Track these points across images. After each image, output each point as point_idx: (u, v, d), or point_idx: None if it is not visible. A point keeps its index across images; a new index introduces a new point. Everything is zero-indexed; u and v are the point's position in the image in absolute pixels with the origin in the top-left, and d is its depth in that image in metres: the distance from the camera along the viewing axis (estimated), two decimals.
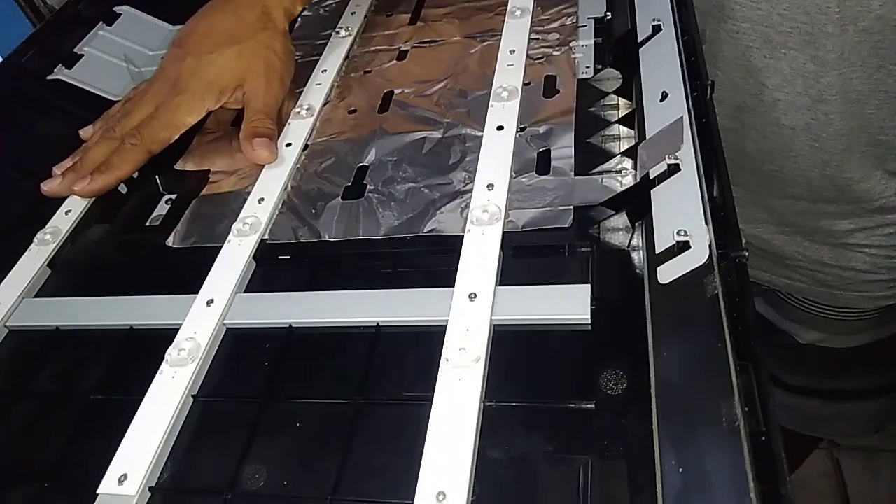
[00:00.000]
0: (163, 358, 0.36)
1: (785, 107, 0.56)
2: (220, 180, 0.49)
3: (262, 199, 0.45)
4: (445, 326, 0.34)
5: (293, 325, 0.38)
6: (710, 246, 0.30)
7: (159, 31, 0.68)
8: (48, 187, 0.49)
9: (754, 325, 0.26)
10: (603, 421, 0.29)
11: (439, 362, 0.33)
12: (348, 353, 0.36)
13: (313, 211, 0.44)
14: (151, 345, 0.38)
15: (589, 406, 0.30)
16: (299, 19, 0.66)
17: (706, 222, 0.31)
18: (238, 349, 0.38)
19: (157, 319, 0.40)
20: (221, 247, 0.42)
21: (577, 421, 0.30)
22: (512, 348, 0.34)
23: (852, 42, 0.50)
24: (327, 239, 0.42)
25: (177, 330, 0.38)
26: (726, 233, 0.30)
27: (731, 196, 0.31)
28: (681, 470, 0.24)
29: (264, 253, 0.42)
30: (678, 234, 0.31)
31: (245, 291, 0.40)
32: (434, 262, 0.39)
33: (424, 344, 0.35)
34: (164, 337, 0.38)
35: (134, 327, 0.40)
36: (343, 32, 0.60)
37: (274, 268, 0.42)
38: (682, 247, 0.31)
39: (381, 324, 0.36)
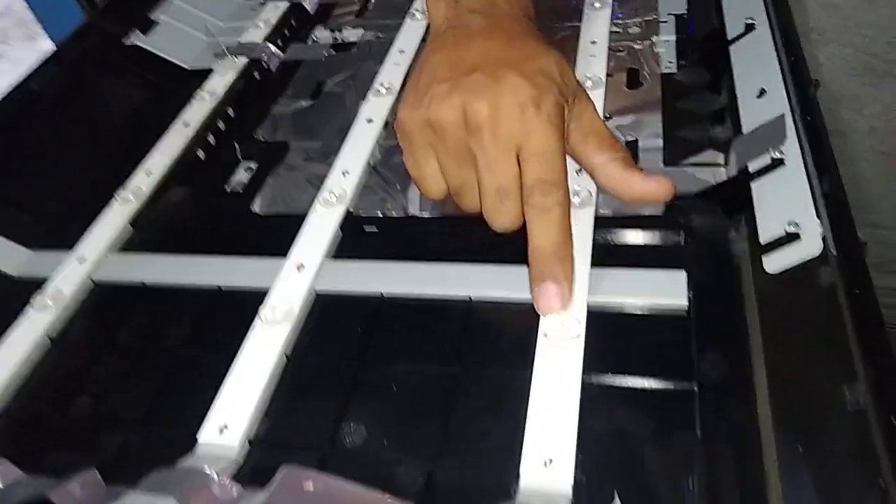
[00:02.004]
0: (251, 319, 0.37)
1: (882, 136, 0.56)
2: (299, 153, 0.50)
3: (347, 171, 0.45)
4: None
5: (384, 294, 0.38)
6: (823, 238, 0.30)
7: (232, 2, 0.69)
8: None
9: (879, 315, 0.26)
10: (707, 403, 0.30)
11: (535, 338, 0.33)
12: (441, 325, 0.37)
13: (398, 187, 0.45)
14: (239, 306, 0.39)
15: (691, 388, 0.30)
16: (372, 0, 0.66)
17: (818, 216, 0.31)
18: (328, 315, 0.38)
19: (245, 281, 0.41)
20: (306, 215, 0.43)
21: (680, 401, 0.30)
22: (607, 329, 0.34)
23: None
24: (415, 214, 0.42)
25: (264, 293, 0.38)
26: (841, 226, 0.30)
27: (844, 192, 0.31)
28: (800, 449, 0.25)
29: (351, 224, 0.43)
30: (788, 225, 0.31)
31: (335, 258, 0.41)
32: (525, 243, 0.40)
33: (519, 320, 0.35)
34: (251, 299, 0.38)
35: (222, 287, 0.41)
36: (419, 16, 0.61)
37: (360, 240, 0.42)
38: (792, 238, 0.31)
39: (473, 298, 0.37)
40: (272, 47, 0.61)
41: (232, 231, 0.45)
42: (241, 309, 0.38)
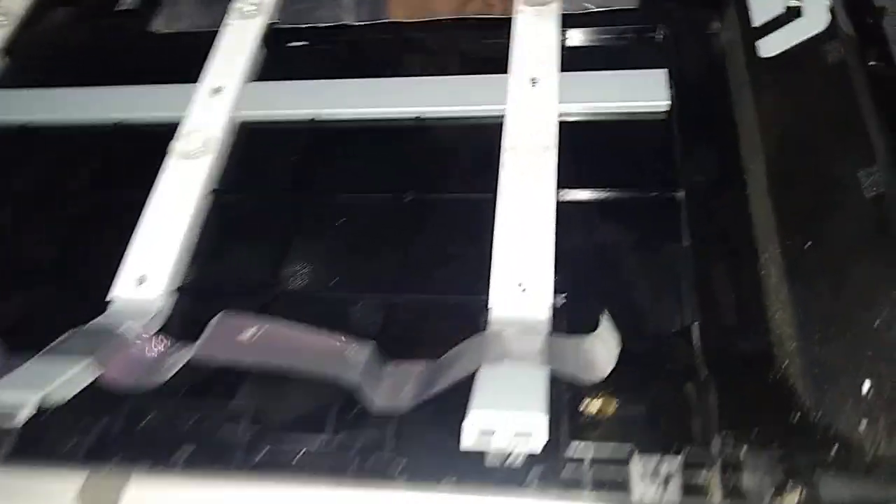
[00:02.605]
0: (163, 155, 0.31)
1: None
2: None
3: None
4: (501, 118, 0.30)
5: (316, 118, 0.33)
6: (830, 10, 0.26)
7: None
8: None
9: None
10: (696, 209, 0.26)
11: (499, 155, 0.29)
12: (386, 147, 0.32)
13: None
14: (147, 141, 0.33)
15: (677, 195, 0.27)
16: None
17: None
18: (255, 144, 0.33)
19: (150, 113, 0.34)
20: (219, 31, 0.36)
21: (666, 211, 0.27)
22: (582, 139, 0.30)
23: None
24: (349, 23, 0.36)
25: (175, 124, 0.32)
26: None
27: None
28: (807, 245, 0.22)
29: (273, 38, 0.36)
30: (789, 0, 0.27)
31: (256, 80, 0.35)
32: (480, 48, 0.34)
33: (478, 136, 0.31)
34: (160, 133, 0.32)
35: (121, 121, 0.34)
36: None
37: (286, 56, 0.36)
38: (792, 14, 0.27)
39: (422, 115, 0.32)
40: None
41: (129, 56, 0.38)
42: (149, 145, 0.32)
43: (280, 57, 0.35)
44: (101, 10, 0.40)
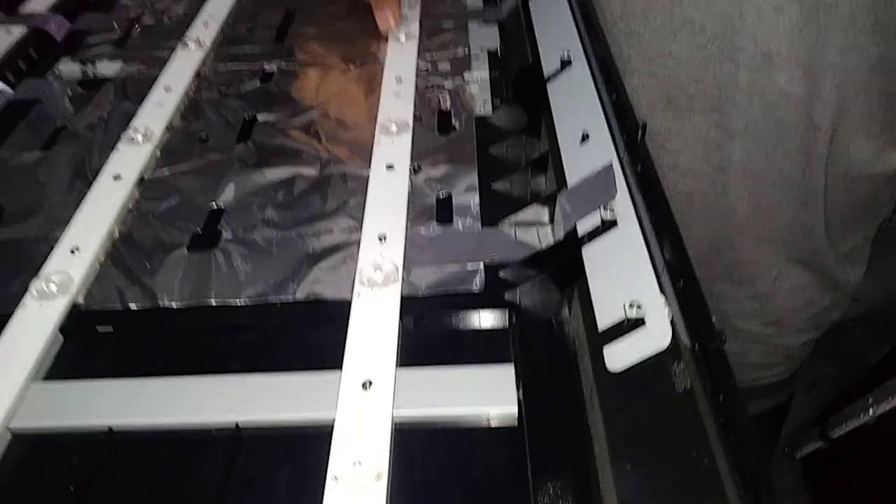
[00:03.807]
0: None
1: (683, 172, 0.53)
2: (15, 222, 0.38)
3: (77, 248, 0.34)
4: (331, 426, 0.26)
5: (114, 428, 0.27)
6: (672, 323, 0.24)
7: None
8: None
9: (752, 432, 0.20)
10: None
11: (324, 479, 0.24)
12: (195, 466, 0.27)
13: (148, 266, 0.34)
14: None
15: None
16: (137, 27, 0.55)
17: (661, 291, 0.25)
18: (32, 464, 0.27)
19: None
20: (13, 313, 0.31)
21: None
22: (420, 453, 0.26)
23: (756, 114, 0.49)
24: (167, 304, 0.32)
25: None
26: (691, 307, 0.24)
27: (689, 259, 0.26)
28: None
29: (77, 323, 0.31)
30: (629, 306, 0.25)
31: (46, 379, 0.29)
32: (313, 336, 0.31)
33: (303, 451, 0.26)
34: None
35: None
36: (192, 45, 0.50)
37: (90, 345, 0.31)
38: (635, 323, 0.25)
39: (241, 423, 0.27)
40: None
41: None
42: None
43: (84, 347, 0.30)
44: None
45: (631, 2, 0.50)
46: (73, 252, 0.34)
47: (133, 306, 0.32)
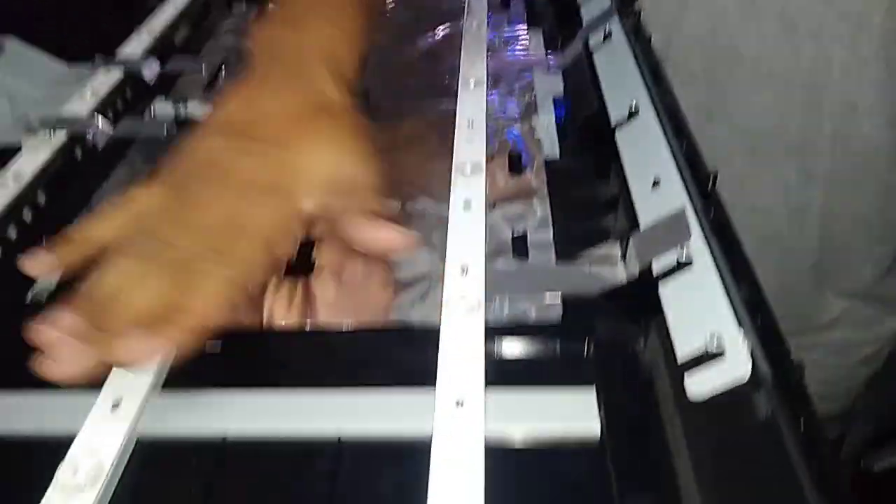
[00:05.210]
0: (48, 480, 0.28)
1: (761, 214, 0.56)
2: None
3: None
4: (428, 440, 0.28)
5: (228, 437, 0.30)
6: (751, 355, 0.26)
7: (52, 69, 0.59)
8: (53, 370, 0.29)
9: (834, 459, 0.22)
10: None
11: (425, 490, 0.26)
12: (303, 473, 0.29)
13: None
14: (32, 460, 0.29)
15: None
16: (223, 72, 0.59)
17: (740, 325, 0.27)
18: (155, 468, 0.29)
19: (39, 426, 0.31)
20: None
21: None
22: (509, 468, 0.28)
23: (838, 160, 0.52)
24: (269, 325, 0.35)
25: (69, 442, 0.29)
26: (769, 340, 0.26)
27: (764, 295, 0.28)
28: None
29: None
30: (709, 339, 0.27)
31: (163, 389, 0.32)
32: (402, 358, 0.33)
33: (402, 458, 0.28)
34: (48, 450, 0.29)
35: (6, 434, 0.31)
36: None
37: (198, 360, 0.34)
38: (714, 355, 0.27)
39: (343, 436, 0.30)
40: (101, 119, 0.52)
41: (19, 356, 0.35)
42: (34, 465, 0.28)
43: (192, 362, 0.33)
44: (12, 302, 0.39)
45: (716, 58, 0.53)
46: None
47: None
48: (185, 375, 0.33)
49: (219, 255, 0.29)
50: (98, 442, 0.29)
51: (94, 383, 0.30)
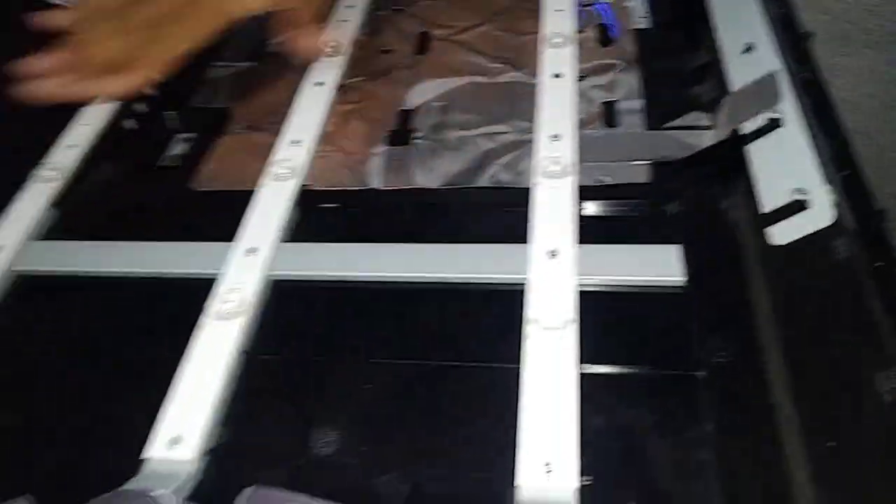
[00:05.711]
0: (197, 312, 0.33)
1: (851, 108, 0.54)
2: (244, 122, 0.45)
3: (298, 140, 0.41)
4: (523, 286, 0.31)
5: (347, 279, 0.34)
6: (836, 205, 0.28)
7: None
8: (35, 91, 0.42)
9: None
10: (716, 391, 0.27)
11: (520, 324, 0.30)
12: (415, 311, 0.33)
13: (357, 156, 0.40)
14: (183, 297, 0.34)
15: (698, 375, 0.28)
16: None
17: (827, 181, 0.29)
18: (287, 303, 0.34)
19: (188, 269, 0.36)
20: (254, 192, 0.38)
21: (688, 389, 0.28)
22: (600, 312, 0.31)
23: None
24: (377, 187, 0.38)
25: (211, 281, 0.34)
26: (854, 192, 0.28)
27: (853, 150, 0.29)
28: (831, 444, 0.23)
29: (306, 200, 0.38)
30: (794, 192, 0.29)
31: (289, 241, 0.37)
32: (500, 216, 0.36)
33: (501, 304, 0.32)
34: (197, 289, 0.34)
35: (162, 276, 0.36)
36: None
37: (318, 217, 0.38)
38: (798, 206, 0.29)
39: (448, 280, 0.33)
40: None
41: (170, 212, 0.40)
42: (186, 301, 0.33)
43: (313, 218, 0.37)
44: (145, 165, 0.43)
45: None
46: (293, 144, 0.41)
47: (350, 188, 0.38)
48: (307, 228, 0.37)
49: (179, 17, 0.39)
50: (240, 281, 0.34)
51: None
